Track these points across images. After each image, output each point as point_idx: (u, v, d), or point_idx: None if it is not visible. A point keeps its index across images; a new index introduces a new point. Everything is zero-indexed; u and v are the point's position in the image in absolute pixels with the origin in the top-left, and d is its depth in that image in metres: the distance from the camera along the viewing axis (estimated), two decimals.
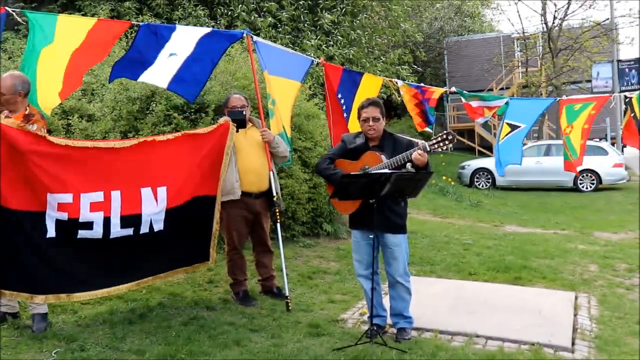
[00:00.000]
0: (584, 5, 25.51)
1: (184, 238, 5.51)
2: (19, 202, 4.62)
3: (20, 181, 4.60)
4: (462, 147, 29.08)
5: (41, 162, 4.63)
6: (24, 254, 4.71)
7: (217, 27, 13.48)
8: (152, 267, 5.45)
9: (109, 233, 4.97)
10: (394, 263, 5.12)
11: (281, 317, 5.65)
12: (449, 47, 31.68)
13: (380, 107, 5.12)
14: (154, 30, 5.81)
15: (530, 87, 26.04)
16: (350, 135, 5.38)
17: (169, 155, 5.30)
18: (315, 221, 9.27)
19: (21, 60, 5.32)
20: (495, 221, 13.08)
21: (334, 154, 5.30)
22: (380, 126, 5.10)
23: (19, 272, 4.72)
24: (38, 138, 4.67)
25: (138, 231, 5.13)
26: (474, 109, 7.29)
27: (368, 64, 15.22)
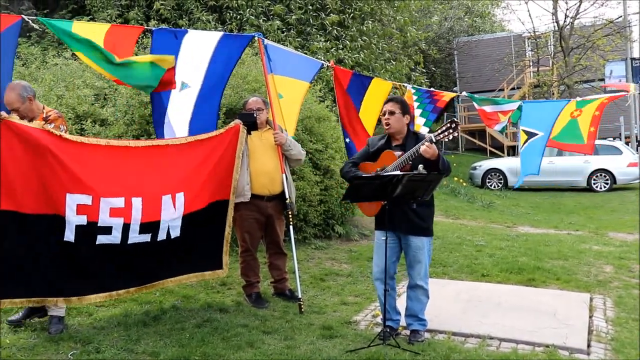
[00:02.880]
0: (596, 3, 25.34)
1: (198, 243, 5.53)
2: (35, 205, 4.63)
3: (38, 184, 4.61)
4: (474, 147, 29.00)
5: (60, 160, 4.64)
6: (39, 259, 4.72)
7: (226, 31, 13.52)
8: (164, 272, 5.46)
9: (127, 239, 4.97)
10: (416, 266, 5.12)
11: (294, 319, 5.65)
12: (459, 47, 31.57)
13: (400, 104, 5.16)
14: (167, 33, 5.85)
15: (542, 87, 25.90)
16: (375, 138, 5.40)
17: (185, 161, 5.32)
18: (327, 223, 9.29)
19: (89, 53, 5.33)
20: (507, 222, 13.03)
21: (357, 157, 5.38)
22: (398, 121, 5.11)
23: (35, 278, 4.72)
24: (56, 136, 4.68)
25: (155, 238, 5.14)
26: (488, 114, 7.22)
27: (379, 66, 15.20)
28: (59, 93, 8.26)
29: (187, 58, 5.84)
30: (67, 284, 4.88)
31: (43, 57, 10.50)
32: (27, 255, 4.67)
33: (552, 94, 25.85)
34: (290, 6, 14.32)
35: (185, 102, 5.91)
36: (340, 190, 9.02)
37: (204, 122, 5.92)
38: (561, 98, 25.26)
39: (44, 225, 4.68)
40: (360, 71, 14.13)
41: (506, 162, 20.98)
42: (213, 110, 6.10)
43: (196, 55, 5.89)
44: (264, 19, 13.90)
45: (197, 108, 5.94)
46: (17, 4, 14.34)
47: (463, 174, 20.94)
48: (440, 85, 30.79)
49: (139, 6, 13.76)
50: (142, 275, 5.29)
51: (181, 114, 5.88)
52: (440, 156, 4.84)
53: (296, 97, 6.64)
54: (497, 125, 7.25)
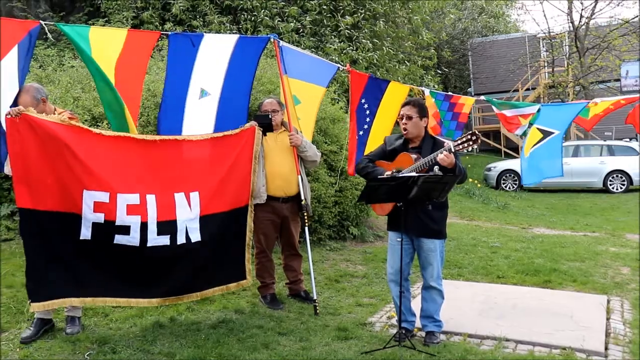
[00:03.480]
0: (612, 3, 25.16)
1: (222, 251, 5.46)
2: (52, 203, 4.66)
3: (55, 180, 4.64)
4: (488, 148, 28.90)
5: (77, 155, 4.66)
6: (57, 258, 4.74)
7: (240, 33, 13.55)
8: (189, 284, 5.32)
9: (146, 240, 4.91)
10: (429, 268, 5.12)
11: (309, 321, 5.65)
12: (473, 48, 31.49)
13: (418, 107, 5.13)
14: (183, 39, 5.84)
15: (557, 88, 25.76)
16: (392, 137, 5.39)
17: (199, 160, 5.31)
18: (341, 224, 9.28)
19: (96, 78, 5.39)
20: (523, 223, 12.96)
21: (373, 155, 5.37)
22: (416, 125, 5.10)
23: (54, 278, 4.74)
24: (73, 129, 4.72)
25: (175, 241, 5.07)
26: (508, 119, 7.15)
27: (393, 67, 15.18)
28: (76, 95, 8.31)
29: (205, 64, 5.83)
30: (85, 285, 4.87)
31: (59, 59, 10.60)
32: (46, 254, 4.69)
33: (567, 94, 25.70)
34: (305, 7, 14.32)
35: (207, 109, 5.89)
36: (355, 192, 9.02)
37: (231, 126, 5.85)
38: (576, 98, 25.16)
39: (61, 224, 4.70)
40: (374, 71, 14.13)
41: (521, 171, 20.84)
42: (240, 114, 6.05)
43: (214, 60, 5.88)
44: (278, 20, 13.92)
45: (220, 113, 5.92)
46: (34, 7, 14.47)
47: (478, 175, 20.86)
48: (454, 87, 30.74)
49: (154, 8, 13.82)
50: (162, 284, 5.17)
51: (202, 122, 5.84)
52: (457, 165, 4.83)
53: (313, 102, 6.63)
54: (518, 129, 7.15)
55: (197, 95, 5.84)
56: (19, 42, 4.71)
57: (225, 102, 5.95)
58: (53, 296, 4.74)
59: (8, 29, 4.74)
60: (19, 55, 4.68)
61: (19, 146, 4.52)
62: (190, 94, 5.85)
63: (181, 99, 5.85)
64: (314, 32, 14.29)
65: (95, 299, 4.97)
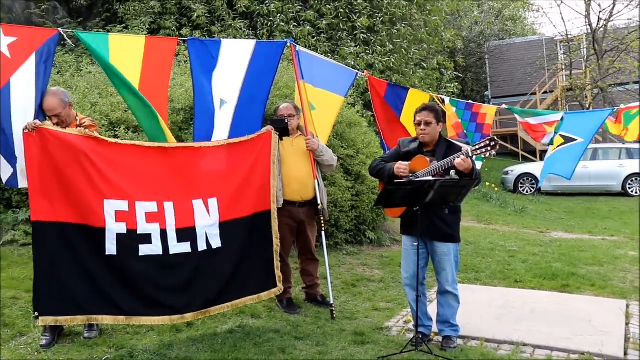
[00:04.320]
0: (631, 4, 24.95)
1: (247, 259, 5.38)
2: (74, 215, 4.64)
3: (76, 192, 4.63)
4: (505, 152, 28.72)
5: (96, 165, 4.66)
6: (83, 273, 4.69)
7: (256, 38, 13.60)
8: (218, 294, 5.22)
9: (167, 248, 4.89)
10: (443, 272, 5.11)
11: (326, 325, 5.66)
12: (490, 51, 31.36)
13: (435, 112, 5.14)
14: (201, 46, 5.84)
15: (574, 90, 25.59)
16: (407, 139, 5.40)
17: (216, 166, 5.29)
18: (358, 229, 9.28)
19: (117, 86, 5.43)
20: (540, 227, 12.89)
21: (387, 156, 5.38)
22: (434, 131, 5.10)
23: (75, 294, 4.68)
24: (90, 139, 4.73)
25: (196, 247, 5.02)
26: (533, 127, 7.04)
27: (410, 71, 15.17)
28: (93, 100, 8.38)
29: (224, 74, 5.84)
30: (114, 302, 4.78)
31: (77, 64, 10.68)
32: (71, 268, 4.64)
33: (585, 97, 25.52)
34: (321, 11, 14.35)
35: (224, 118, 5.88)
36: (371, 196, 9.01)
37: (245, 133, 5.76)
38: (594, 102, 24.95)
39: (85, 236, 4.67)
40: (390, 76, 14.12)
41: (539, 166, 20.72)
42: (255, 122, 6.01)
43: (232, 68, 5.87)
44: (294, 24, 13.96)
45: (235, 122, 5.89)
46: (52, 13, 14.59)
47: (495, 179, 20.77)
48: (471, 90, 30.64)
49: (171, 14, 13.90)
50: (196, 297, 5.08)
51: (220, 132, 5.83)
52: (474, 169, 4.81)
53: (330, 111, 6.61)
54: (545, 137, 7.04)
55: (218, 107, 5.84)
56: (37, 49, 4.75)
57: (241, 109, 5.92)
58: (68, 311, 4.66)
59: (26, 36, 4.78)
60: (36, 62, 4.72)
61: (36, 161, 4.51)
62: (215, 106, 5.85)
63: (209, 110, 5.83)
64: (330, 36, 14.31)
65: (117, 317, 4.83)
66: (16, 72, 4.62)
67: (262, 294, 5.51)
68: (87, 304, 4.71)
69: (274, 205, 5.56)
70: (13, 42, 4.64)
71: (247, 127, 5.84)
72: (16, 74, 4.62)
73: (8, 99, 4.59)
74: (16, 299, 5.91)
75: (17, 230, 7.75)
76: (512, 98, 28.56)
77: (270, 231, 5.52)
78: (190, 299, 5.06)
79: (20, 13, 14.07)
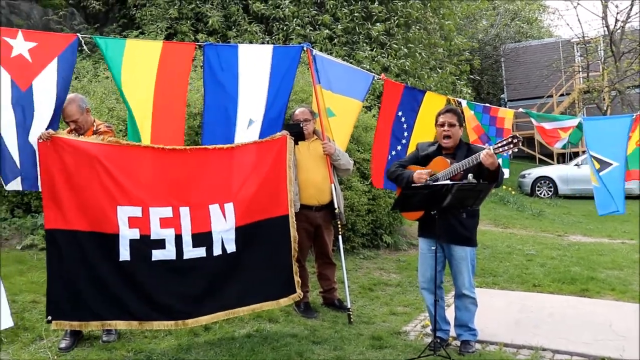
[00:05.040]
0: None
1: (264, 264, 5.37)
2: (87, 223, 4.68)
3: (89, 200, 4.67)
4: (522, 155, 28.56)
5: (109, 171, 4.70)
6: (96, 279, 4.73)
7: (272, 42, 13.62)
8: (234, 298, 5.22)
9: (182, 253, 4.91)
10: (459, 276, 5.09)
11: (343, 329, 5.65)
12: (506, 54, 31.22)
13: (458, 116, 5.14)
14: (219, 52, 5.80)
15: (592, 93, 25.39)
16: (425, 143, 5.38)
17: (231, 170, 5.29)
18: (375, 233, 9.26)
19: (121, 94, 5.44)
20: (558, 231, 12.81)
21: (405, 160, 5.35)
22: (457, 133, 5.09)
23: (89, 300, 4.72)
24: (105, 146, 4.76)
25: (211, 252, 5.04)
26: (547, 131, 6.94)
27: (426, 75, 15.13)
28: (110, 105, 8.44)
29: (248, 86, 5.79)
30: (128, 307, 4.82)
31: (94, 70, 10.75)
32: (85, 275, 4.69)
33: (602, 99, 25.32)
34: (337, 15, 14.36)
35: (252, 137, 5.81)
36: (388, 200, 9.00)
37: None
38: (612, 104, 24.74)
39: (98, 244, 4.70)
40: (406, 79, 14.09)
41: (556, 169, 20.65)
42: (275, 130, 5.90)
43: (255, 81, 5.83)
44: (310, 29, 13.97)
45: (262, 136, 5.82)
46: (69, 19, 14.73)
47: (512, 182, 20.65)
48: (487, 93, 30.51)
49: (187, 18, 13.97)
50: (210, 301, 5.10)
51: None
52: (499, 167, 4.78)
53: (349, 117, 6.59)
54: (558, 142, 6.92)
55: (245, 125, 5.81)
56: (59, 55, 4.79)
57: (267, 125, 5.88)
58: (82, 317, 4.71)
59: (46, 42, 4.82)
60: (58, 67, 4.75)
61: (50, 170, 4.56)
62: (240, 122, 5.81)
63: (231, 124, 5.80)
64: (346, 40, 14.31)
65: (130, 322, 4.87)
66: (38, 76, 4.66)
67: (281, 300, 5.49)
68: (100, 310, 4.75)
69: (292, 210, 5.56)
70: (33, 47, 4.68)
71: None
72: (38, 77, 4.65)
73: (31, 102, 4.62)
74: (36, 302, 5.95)
75: (36, 234, 7.81)
76: (528, 101, 28.41)
77: (288, 236, 5.50)
78: (205, 302, 5.08)
79: (38, 19, 14.23)
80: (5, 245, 7.79)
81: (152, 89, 5.41)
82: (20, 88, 4.57)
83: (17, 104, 4.60)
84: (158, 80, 5.42)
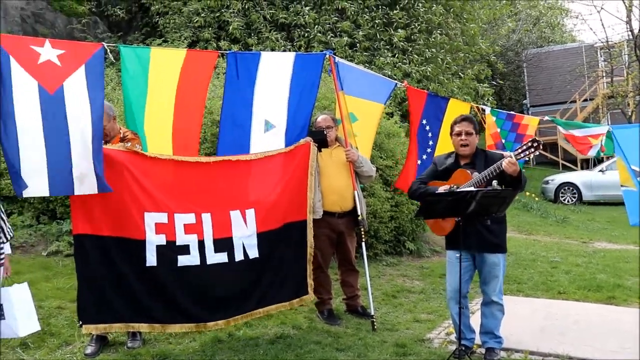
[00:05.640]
0: None
1: (282, 267, 5.49)
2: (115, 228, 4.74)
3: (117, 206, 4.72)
4: (545, 161, 28.34)
5: (137, 178, 4.77)
6: (123, 284, 4.80)
7: (293, 49, 13.66)
8: (252, 301, 5.34)
9: (205, 258, 5.00)
10: (492, 282, 5.05)
11: (367, 337, 5.63)
12: (528, 59, 31.02)
13: (474, 124, 5.12)
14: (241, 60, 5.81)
15: (616, 98, 25.14)
16: (442, 156, 5.36)
17: (253, 177, 5.36)
18: (398, 240, 9.24)
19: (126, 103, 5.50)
20: (583, 238, 12.68)
21: (425, 176, 5.31)
22: (474, 141, 5.07)
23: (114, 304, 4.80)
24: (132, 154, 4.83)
25: (233, 257, 5.12)
26: (578, 139, 6.79)
27: (446, 80, 15.07)
28: None
29: (266, 90, 5.81)
30: (151, 311, 4.90)
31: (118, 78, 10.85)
32: (111, 279, 4.76)
33: (627, 104, 25.07)
34: (358, 22, 14.37)
35: (274, 143, 5.82)
36: (410, 207, 8.97)
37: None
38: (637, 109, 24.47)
39: (125, 249, 4.77)
40: (427, 85, 14.04)
41: (580, 175, 20.44)
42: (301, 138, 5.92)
43: (274, 86, 5.85)
44: (331, 35, 14.00)
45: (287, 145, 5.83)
46: (92, 28, 14.90)
47: (535, 189, 20.48)
48: (509, 99, 30.32)
49: (210, 27, 14.06)
50: (230, 304, 5.20)
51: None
52: (522, 173, 4.74)
53: (371, 120, 6.60)
54: (590, 150, 6.77)
55: (261, 130, 5.82)
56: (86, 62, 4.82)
57: (291, 133, 5.89)
58: (110, 320, 4.80)
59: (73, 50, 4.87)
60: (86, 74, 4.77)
61: None
62: (255, 127, 5.82)
63: (245, 133, 5.81)
64: (367, 46, 14.31)
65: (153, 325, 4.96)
66: (68, 78, 4.68)
67: (293, 301, 5.62)
68: (125, 313, 4.83)
69: (310, 215, 5.65)
70: (62, 54, 4.73)
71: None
72: (68, 80, 4.67)
73: (63, 102, 4.65)
74: (61, 308, 6.03)
75: (62, 241, 7.91)
76: (550, 106, 28.17)
77: (305, 240, 5.62)
78: (226, 306, 5.17)
79: (63, 28, 14.41)
80: (31, 251, 7.89)
81: (174, 95, 5.46)
82: (49, 91, 4.58)
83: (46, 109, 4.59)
84: (179, 87, 5.47)
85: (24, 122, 4.44)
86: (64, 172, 4.52)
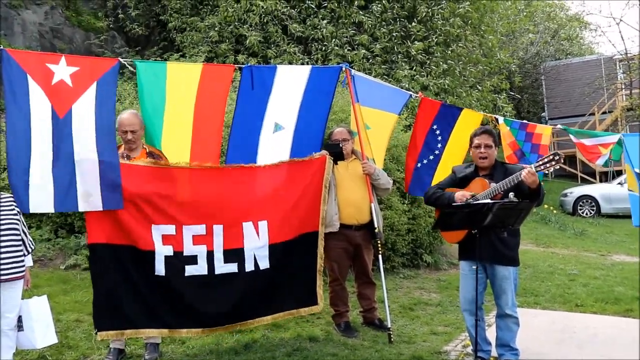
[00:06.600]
0: None
1: (291, 277, 5.57)
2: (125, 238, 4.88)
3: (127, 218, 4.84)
4: (564, 174, 28.16)
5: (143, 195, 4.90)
6: (133, 291, 4.95)
7: (311, 62, 13.73)
8: (260, 309, 5.45)
9: (213, 268, 5.13)
10: (503, 296, 5.04)
11: (383, 349, 5.63)
12: (546, 72, 30.91)
13: (494, 136, 5.13)
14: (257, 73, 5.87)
15: (635, 110, 24.96)
16: (461, 166, 5.38)
17: (267, 188, 5.43)
18: (415, 252, 9.24)
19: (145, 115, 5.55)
20: (601, 250, 12.58)
21: (443, 183, 5.34)
22: (493, 154, 5.09)
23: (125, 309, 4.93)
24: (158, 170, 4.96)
25: (243, 267, 5.23)
26: (588, 148, 6.80)
27: (464, 93, 15.06)
28: None
29: (280, 98, 5.88)
30: (160, 317, 5.05)
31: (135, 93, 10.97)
32: (123, 286, 4.91)
33: None
34: (375, 35, 14.41)
35: (281, 144, 5.92)
36: (427, 219, 8.97)
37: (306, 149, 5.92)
38: None
39: (135, 257, 4.91)
40: (445, 97, 14.03)
41: (598, 188, 20.29)
42: (314, 148, 5.98)
43: (288, 94, 5.93)
44: (348, 48, 14.06)
45: (295, 148, 5.94)
46: (110, 43, 15.08)
47: (553, 201, 20.34)
48: (527, 111, 30.19)
49: (228, 40, 14.17)
50: (237, 311, 5.31)
51: (277, 157, 5.77)
52: (541, 185, 4.75)
53: (384, 129, 6.62)
54: (599, 159, 6.77)
55: (270, 130, 5.90)
56: (98, 79, 4.90)
57: (300, 135, 5.97)
58: (121, 326, 4.93)
59: (88, 66, 4.95)
60: (97, 91, 4.86)
61: None
62: (265, 128, 5.90)
63: (254, 133, 5.89)
64: (385, 59, 14.35)
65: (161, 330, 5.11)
66: (77, 101, 4.77)
67: (301, 310, 5.73)
68: (135, 319, 4.97)
69: (322, 227, 5.71)
70: (75, 72, 4.80)
71: (306, 153, 5.85)
72: (77, 102, 4.77)
73: (70, 127, 4.74)
74: (79, 321, 6.08)
75: (79, 254, 7.99)
76: (569, 119, 28.02)
77: (315, 251, 5.69)
78: (235, 313, 5.31)
79: (80, 43, 14.61)
80: (49, 265, 7.98)
81: (192, 110, 5.54)
82: (59, 115, 4.69)
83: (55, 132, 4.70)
84: (198, 101, 5.55)
85: (37, 141, 4.59)
86: (69, 190, 4.64)
